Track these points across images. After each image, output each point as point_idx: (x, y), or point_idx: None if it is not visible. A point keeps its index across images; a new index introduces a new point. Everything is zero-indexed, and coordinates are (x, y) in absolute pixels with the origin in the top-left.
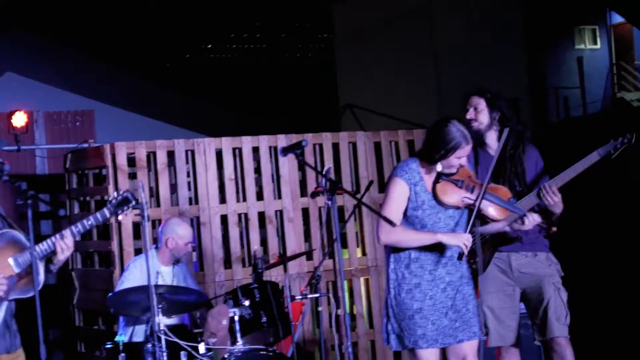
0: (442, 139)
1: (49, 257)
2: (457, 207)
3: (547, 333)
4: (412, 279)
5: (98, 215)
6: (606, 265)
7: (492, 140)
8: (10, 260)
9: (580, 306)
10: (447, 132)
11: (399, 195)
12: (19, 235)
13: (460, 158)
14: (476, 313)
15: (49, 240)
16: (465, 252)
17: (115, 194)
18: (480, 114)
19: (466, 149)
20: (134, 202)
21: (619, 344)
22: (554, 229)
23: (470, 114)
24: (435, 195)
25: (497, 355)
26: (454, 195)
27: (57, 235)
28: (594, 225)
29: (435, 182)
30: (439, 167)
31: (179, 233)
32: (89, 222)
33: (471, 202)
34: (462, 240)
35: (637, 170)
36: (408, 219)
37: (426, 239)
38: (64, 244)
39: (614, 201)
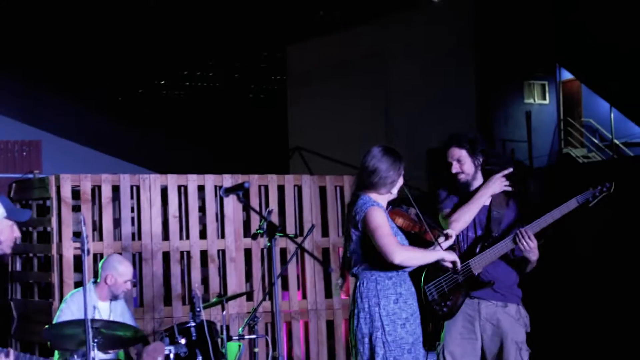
0: (391, 166)
1: None
2: (410, 229)
3: None
4: (402, 314)
5: None
6: (576, 317)
7: (478, 186)
8: None
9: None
10: (391, 158)
11: (385, 220)
12: None
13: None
14: None
15: None
16: (459, 267)
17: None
18: (465, 165)
19: (402, 168)
20: None
21: None
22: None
23: (455, 168)
24: (395, 218)
25: None
26: (407, 218)
27: (3, 353)
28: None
29: (390, 209)
30: (394, 191)
31: (119, 270)
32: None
33: (418, 225)
34: (455, 257)
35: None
36: None
37: (433, 255)
38: None
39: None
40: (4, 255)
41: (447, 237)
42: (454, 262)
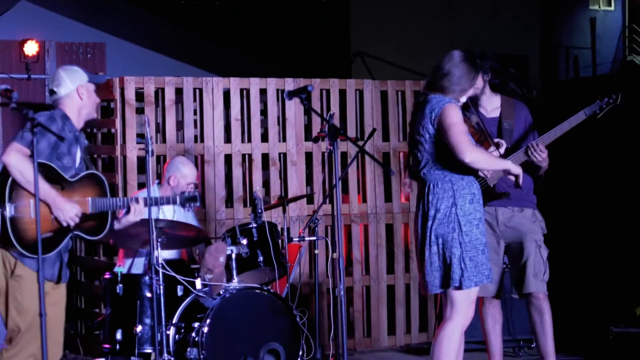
0: (465, 75)
1: (113, 212)
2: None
3: (524, 288)
4: (476, 214)
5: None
6: (589, 224)
7: (487, 101)
8: (89, 200)
9: (560, 264)
10: (468, 66)
11: (461, 118)
12: (105, 181)
13: (477, 85)
14: None
15: (125, 199)
16: (520, 181)
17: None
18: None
19: (480, 78)
20: (199, 204)
21: (596, 301)
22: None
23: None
24: None
25: (479, 306)
26: (468, 126)
27: (133, 198)
28: (580, 185)
29: None
30: (462, 99)
31: (183, 172)
32: (163, 200)
33: (478, 134)
34: (519, 170)
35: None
36: None
37: (502, 163)
38: (138, 208)
39: (599, 163)
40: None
41: (497, 146)
42: (517, 176)
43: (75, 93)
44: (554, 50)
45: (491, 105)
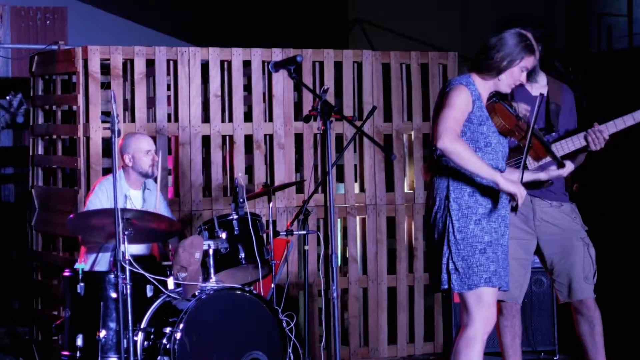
0: (508, 46)
1: None
2: (507, 135)
3: (574, 295)
4: (478, 208)
5: None
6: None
7: (540, 77)
8: None
9: (605, 263)
10: (514, 37)
11: (463, 105)
12: None
13: (523, 72)
14: None
15: None
16: (520, 204)
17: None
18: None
19: (532, 60)
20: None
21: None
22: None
23: (523, 79)
24: (490, 116)
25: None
26: (509, 120)
27: None
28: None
29: (490, 101)
30: (505, 81)
31: (133, 144)
32: None
33: (522, 132)
34: (520, 191)
35: None
36: (472, 136)
37: (486, 170)
38: None
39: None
40: (24, 137)
41: (560, 165)
42: (512, 196)
43: None
44: (584, 17)
45: (538, 82)
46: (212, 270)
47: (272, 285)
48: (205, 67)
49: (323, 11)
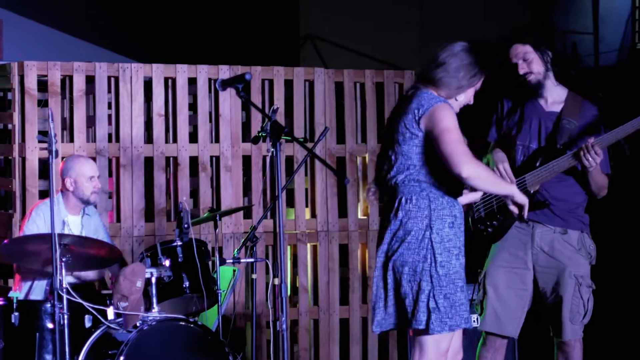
0: (464, 67)
1: None
2: None
3: (558, 334)
4: (456, 242)
5: None
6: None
7: (548, 91)
8: None
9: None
10: (469, 59)
11: (456, 124)
12: None
13: (474, 92)
14: None
15: None
16: (525, 215)
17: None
18: (533, 63)
19: (481, 80)
20: None
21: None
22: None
23: (522, 68)
24: None
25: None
26: None
27: None
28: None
29: None
30: (460, 100)
31: (77, 168)
32: None
33: None
34: (524, 201)
35: None
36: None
37: (504, 187)
38: None
39: None
40: None
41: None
42: (521, 207)
43: None
44: (548, 34)
45: (553, 97)
46: (154, 300)
47: (218, 317)
48: (148, 84)
49: (273, 26)
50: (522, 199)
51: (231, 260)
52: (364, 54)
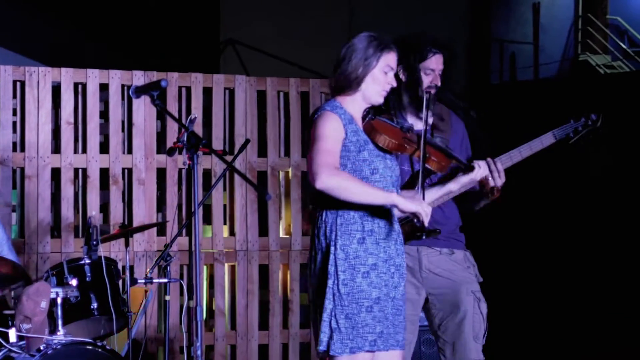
0: (359, 50)
1: None
2: (398, 151)
3: (460, 355)
4: (367, 259)
5: None
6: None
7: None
8: None
9: (498, 315)
10: (363, 40)
11: (333, 133)
12: None
13: (388, 72)
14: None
15: None
16: (426, 223)
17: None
18: (440, 75)
19: (392, 57)
20: None
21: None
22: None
23: (436, 79)
24: (372, 136)
25: None
26: (395, 134)
27: None
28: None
29: (365, 120)
30: (371, 92)
31: None
32: None
33: (414, 144)
34: (423, 208)
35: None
36: (353, 166)
37: (379, 195)
38: None
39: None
40: None
41: (467, 169)
42: (416, 215)
43: None
44: (485, 45)
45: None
46: (60, 322)
47: (128, 340)
48: (56, 90)
49: (191, 30)
50: (409, 207)
51: (143, 281)
52: (289, 61)
